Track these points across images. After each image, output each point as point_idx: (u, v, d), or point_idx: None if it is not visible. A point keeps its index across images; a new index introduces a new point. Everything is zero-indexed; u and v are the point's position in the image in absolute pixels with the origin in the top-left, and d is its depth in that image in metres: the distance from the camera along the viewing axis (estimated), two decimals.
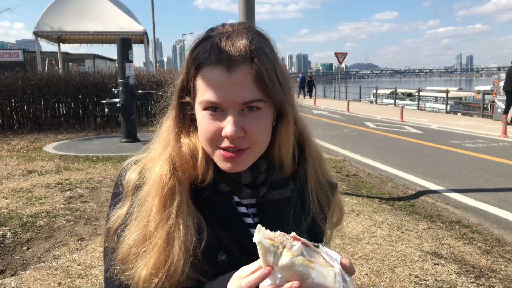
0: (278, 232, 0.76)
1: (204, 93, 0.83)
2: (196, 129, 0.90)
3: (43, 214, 4.99)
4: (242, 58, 0.81)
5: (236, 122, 0.82)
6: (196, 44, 0.86)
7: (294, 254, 0.72)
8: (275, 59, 0.87)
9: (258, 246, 0.72)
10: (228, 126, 0.81)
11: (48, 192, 5.88)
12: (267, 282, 0.72)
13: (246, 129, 0.83)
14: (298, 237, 0.77)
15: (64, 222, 4.75)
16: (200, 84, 0.84)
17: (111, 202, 0.96)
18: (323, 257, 0.75)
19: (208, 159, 0.89)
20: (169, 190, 0.86)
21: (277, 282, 0.71)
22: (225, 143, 0.84)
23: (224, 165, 0.87)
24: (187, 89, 0.88)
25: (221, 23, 0.90)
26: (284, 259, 0.71)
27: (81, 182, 6.42)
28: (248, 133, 0.83)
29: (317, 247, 0.77)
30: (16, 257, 3.90)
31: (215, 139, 0.84)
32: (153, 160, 0.92)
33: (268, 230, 0.76)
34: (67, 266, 3.67)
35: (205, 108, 0.84)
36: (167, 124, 0.93)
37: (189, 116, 0.91)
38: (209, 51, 0.82)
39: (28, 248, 4.08)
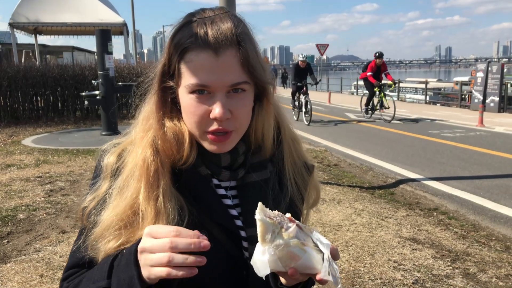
0: (276, 212, 0.80)
1: (191, 76, 0.84)
2: (178, 112, 0.92)
3: (23, 207, 4.93)
4: (229, 42, 0.83)
5: (224, 105, 0.84)
6: (177, 28, 0.87)
7: (290, 236, 0.76)
8: (256, 43, 0.90)
9: (258, 223, 0.75)
10: (216, 108, 0.84)
11: (27, 186, 5.81)
12: (260, 255, 0.75)
13: (233, 111, 0.86)
14: (293, 219, 0.80)
15: (44, 215, 4.71)
16: (186, 68, 0.85)
17: (90, 183, 0.98)
18: (313, 240, 0.79)
19: (192, 141, 0.91)
20: (155, 173, 0.87)
21: (270, 258, 0.74)
22: (214, 126, 0.86)
23: (211, 147, 0.89)
24: (169, 74, 0.89)
25: (200, 8, 0.92)
26: (281, 239, 0.75)
27: (61, 175, 6.35)
28: (234, 115, 0.86)
29: (310, 231, 0.80)
30: None
31: (203, 122, 0.86)
32: (135, 144, 0.93)
33: (268, 209, 0.79)
34: (49, 259, 3.65)
35: (192, 92, 0.85)
36: (148, 108, 0.94)
37: (171, 100, 0.92)
38: (195, 35, 0.83)
39: (8, 242, 4.04)
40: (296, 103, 13.95)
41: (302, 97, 13.17)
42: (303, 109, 13.17)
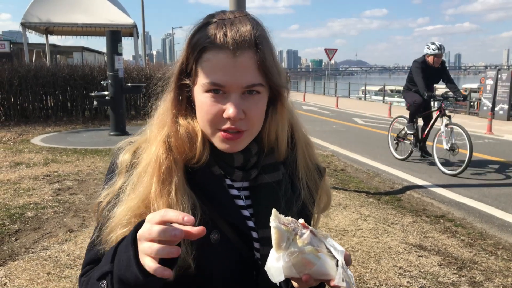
0: (290, 218, 0.81)
1: (208, 75, 0.86)
2: (193, 111, 0.94)
3: (31, 205, 4.98)
4: (247, 44, 0.85)
5: (238, 105, 0.86)
6: (197, 28, 0.89)
7: (304, 242, 0.77)
8: (273, 47, 0.92)
9: (273, 231, 0.76)
10: (230, 108, 0.85)
11: (36, 184, 5.86)
12: (275, 262, 0.75)
13: (246, 112, 0.87)
14: (307, 225, 0.81)
15: (52, 213, 4.75)
16: (203, 67, 0.87)
17: (105, 179, 0.99)
18: (326, 247, 0.79)
19: (205, 140, 0.93)
20: (167, 169, 0.89)
21: (284, 264, 0.74)
22: (226, 125, 0.87)
23: (223, 146, 0.91)
24: (186, 72, 0.91)
25: (221, 10, 0.94)
26: (295, 247, 0.76)
27: (69, 175, 6.40)
28: (248, 116, 0.88)
29: (324, 236, 0.81)
30: (4, 247, 3.89)
31: (217, 120, 0.88)
32: (149, 141, 0.95)
33: (282, 215, 0.80)
34: (56, 257, 3.68)
35: (207, 91, 0.87)
36: (164, 106, 0.96)
37: (186, 98, 0.94)
38: (214, 35, 0.85)
39: (16, 239, 4.08)
40: (413, 131, 8.05)
41: (442, 121, 7.59)
42: (446, 144, 7.39)
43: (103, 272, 0.82)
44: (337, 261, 0.77)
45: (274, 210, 0.79)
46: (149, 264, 0.70)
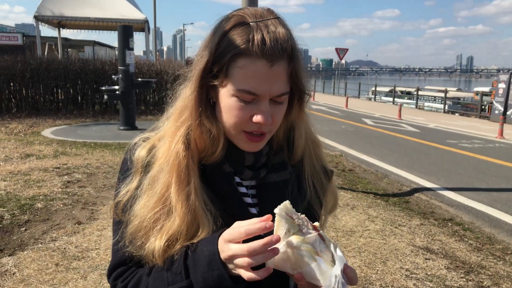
0: (303, 216, 0.80)
1: (242, 82, 0.85)
2: (213, 108, 0.93)
3: (40, 197, 5.03)
4: (284, 53, 0.85)
5: (269, 112, 0.87)
6: (230, 27, 0.86)
7: (305, 241, 0.76)
8: (302, 55, 0.92)
9: (276, 218, 0.76)
10: (261, 114, 0.86)
11: (45, 176, 5.92)
12: None
13: (272, 116, 0.88)
14: (318, 228, 0.80)
15: (61, 205, 4.79)
16: (236, 72, 0.85)
17: (119, 176, 0.99)
18: (332, 256, 0.77)
19: (225, 141, 0.94)
20: (186, 168, 0.90)
21: (281, 249, 0.75)
22: (253, 128, 0.88)
23: (246, 146, 0.92)
24: (212, 72, 0.89)
25: (247, 7, 0.93)
26: (294, 240, 0.76)
27: (78, 167, 6.45)
28: (273, 120, 0.89)
29: (334, 245, 0.79)
30: (14, 237, 3.94)
31: (244, 123, 0.88)
32: (167, 137, 0.94)
33: (294, 210, 0.80)
34: (64, 248, 3.71)
35: (237, 96, 0.87)
36: (183, 103, 0.94)
37: (207, 96, 0.93)
38: (251, 42, 0.83)
39: (25, 230, 4.12)
40: None
41: None
42: None
43: (178, 287, 0.85)
44: (334, 270, 0.75)
45: (287, 202, 0.80)
46: (246, 274, 0.76)
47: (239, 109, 0.87)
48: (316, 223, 0.81)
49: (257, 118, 0.86)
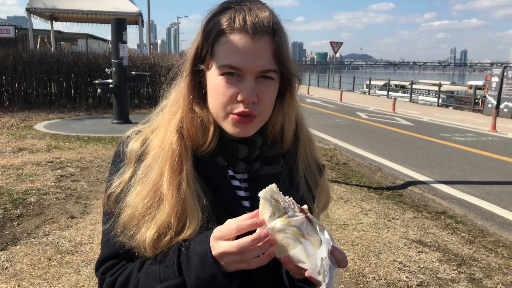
0: (290, 198, 0.79)
1: (225, 58, 0.86)
2: (205, 98, 0.94)
3: (33, 191, 5.00)
4: (265, 29, 0.86)
5: (252, 88, 0.86)
6: (215, 13, 0.90)
7: (290, 223, 0.74)
8: (288, 36, 0.93)
9: (260, 201, 0.76)
10: (245, 90, 0.86)
11: (38, 170, 5.88)
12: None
13: (259, 95, 0.88)
14: (305, 211, 0.79)
15: (54, 200, 4.77)
16: (220, 50, 0.87)
17: (112, 168, 0.99)
18: (320, 239, 0.76)
19: (216, 128, 0.93)
20: (179, 157, 0.90)
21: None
22: (239, 108, 0.88)
23: (234, 130, 0.91)
24: (201, 58, 0.91)
25: None
26: (278, 223, 0.74)
27: (72, 161, 6.42)
28: (260, 99, 0.88)
29: (322, 228, 0.78)
30: (6, 232, 3.92)
31: (230, 103, 0.88)
32: (160, 127, 0.95)
33: (281, 192, 0.79)
34: (57, 243, 3.70)
35: (222, 74, 0.87)
36: (177, 92, 0.95)
37: (199, 84, 0.94)
38: (233, 19, 0.86)
39: (18, 224, 4.10)
40: None
41: None
42: None
43: (171, 285, 0.84)
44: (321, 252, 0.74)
45: (273, 185, 0.79)
46: (240, 266, 0.79)
47: (224, 86, 0.87)
48: (305, 206, 0.81)
49: (242, 94, 0.86)
